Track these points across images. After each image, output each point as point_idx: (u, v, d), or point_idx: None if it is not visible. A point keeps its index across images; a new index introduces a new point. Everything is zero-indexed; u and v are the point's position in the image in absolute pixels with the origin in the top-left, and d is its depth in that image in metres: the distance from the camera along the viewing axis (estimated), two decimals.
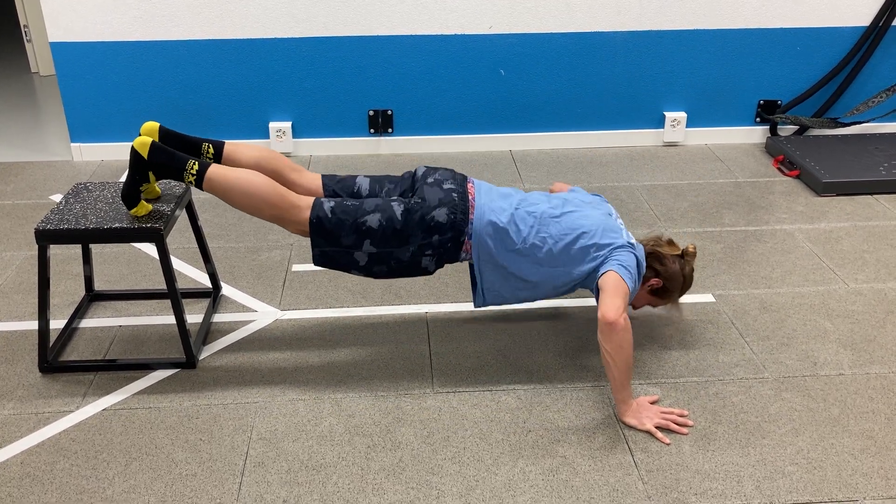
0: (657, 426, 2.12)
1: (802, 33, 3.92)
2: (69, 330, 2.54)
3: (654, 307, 2.52)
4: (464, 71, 3.91)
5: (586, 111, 4.05)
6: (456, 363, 2.41)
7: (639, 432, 2.12)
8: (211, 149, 2.32)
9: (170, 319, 2.62)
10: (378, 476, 1.99)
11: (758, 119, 4.12)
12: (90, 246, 2.71)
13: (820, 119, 3.97)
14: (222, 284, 2.83)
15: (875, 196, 3.52)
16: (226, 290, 2.80)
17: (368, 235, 2.17)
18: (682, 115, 4.06)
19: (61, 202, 2.38)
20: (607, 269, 2.17)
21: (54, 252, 3.01)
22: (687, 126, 4.11)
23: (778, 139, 3.99)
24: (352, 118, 3.98)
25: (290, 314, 2.66)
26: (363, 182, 2.36)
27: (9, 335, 2.54)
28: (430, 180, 2.25)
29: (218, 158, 2.32)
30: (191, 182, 2.19)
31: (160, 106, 3.87)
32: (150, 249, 3.07)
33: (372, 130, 4.01)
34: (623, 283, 2.13)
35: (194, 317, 2.61)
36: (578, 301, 2.73)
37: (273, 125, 3.94)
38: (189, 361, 2.37)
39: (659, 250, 2.37)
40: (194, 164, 2.18)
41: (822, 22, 3.90)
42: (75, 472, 2.00)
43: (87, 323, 2.61)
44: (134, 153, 2.19)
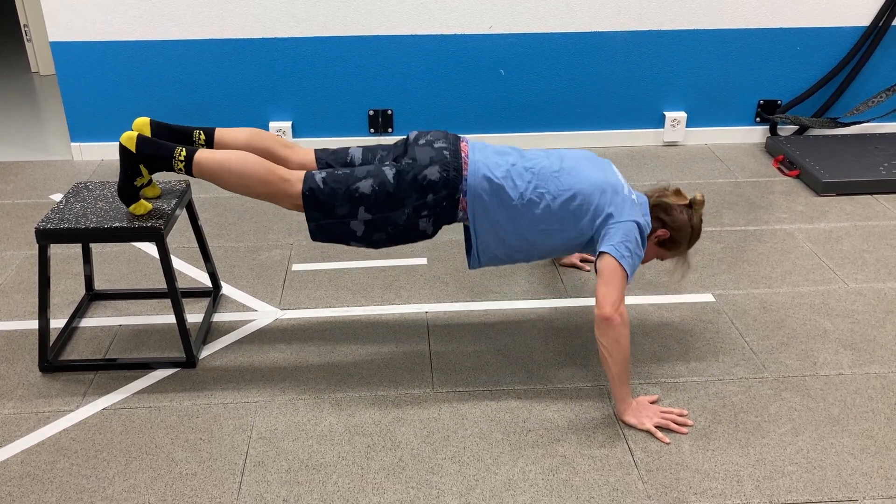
0: (657, 426, 2.12)
1: (802, 33, 3.92)
2: (69, 329, 2.54)
3: (662, 260, 2.44)
4: (464, 71, 3.91)
5: (586, 111, 4.05)
6: (456, 363, 2.41)
7: (638, 432, 2.12)
8: (202, 135, 2.32)
9: (170, 319, 2.62)
10: (378, 475, 1.99)
11: (758, 119, 4.12)
12: (90, 245, 2.71)
13: (820, 119, 3.97)
14: (222, 284, 2.83)
15: (875, 196, 3.52)
16: (226, 290, 2.80)
17: (362, 202, 2.14)
18: (682, 115, 4.06)
19: (61, 201, 2.38)
20: (604, 251, 2.12)
21: (54, 251, 3.01)
22: (687, 126, 4.11)
23: (778, 139, 3.99)
24: (352, 118, 3.98)
25: (290, 313, 2.66)
26: (356, 152, 2.33)
27: (9, 334, 2.54)
28: (422, 142, 2.21)
29: (210, 144, 2.31)
30: (181, 169, 2.17)
31: (160, 105, 3.87)
32: (151, 249, 3.07)
33: (372, 130, 4.01)
34: (619, 270, 2.09)
35: (194, 316, 2.61)
36: (579, 301, 2.73)
37: (273, 125, 3.94)
38: (189, 361, 2.37)
39: (665, 200, 2.32)
40: (181, 151, 2.17)
41: (822, 22, 3.90)
42: (75, 472, 2.00)
43: (88, 322, 2.61)
44: (122, 148, 2.19)
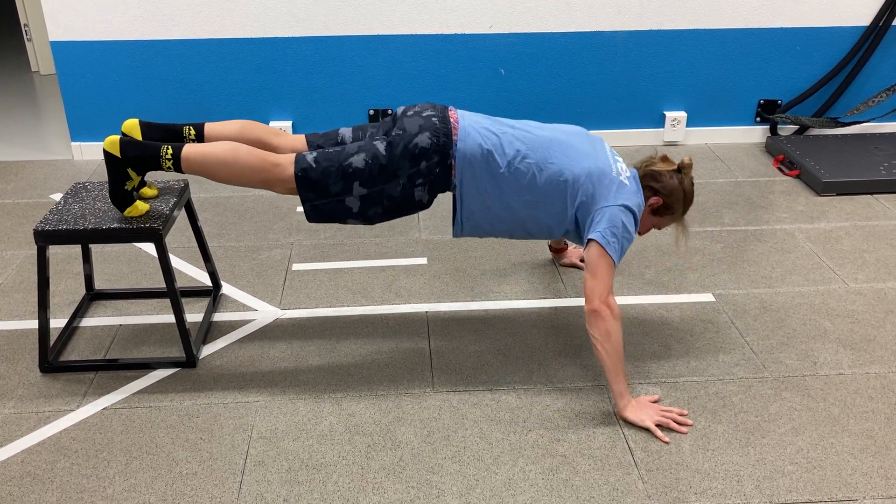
0: (657, 424, 2.12)
1: (802, 33, 3.92)
2: (69, 329, 2.54)
3: (660, 228, 2.45)
4: (464, 70, 3.91)
5: (586, 110, 4.04)
6: (456, 362, 2.41)
7: (638, 431, 2.12)
8: (192, 131, 2.31)
9: (170, 319, 2.62)
10: (378, 475, 1.99)
11: (758, 119, 4.12)
12: (90, 245, 2.70)
13: (820, 119, 3.97)
14: (222, 283, 2.83)
15: (875, 196, 3.52)
16: (226, 289, 2.80)
17: (356, 177, 2.14)
18: (683, 115, 4.05)
19: (60, 202, 2.38)
20: (591, 237, 2.15)
21: (54, 251, 3.01)
22: (687, 125, 4.11)
23: (778, 139, 3.99)
24: (352, 117, 3.98)
25: (291, 313, 2.66)
26: (346, 132, 2.35)
27: (9, 334, 2.54)
28: (410, 113, 2.22)
29: (201, 140, 2.31)
30: (169, 167, 2.16)
31: (160, 105, 3.87)
32: (151, 248, 3.07)
33: None
34: (605, 258, 2.12)
35: (194, 316, 2.61)
36: (579, 301, 2.73)
37: (273, 124, 3.93)
38: (189, 360, 2.37)
39: (653, 169, 2.33)
40: (168, 149, 2.15)
41: (823, 21, 3.90)
42: (76, 471, 2.00)
43: (88, 322, 2.61)
44: (106, 154, 2.15)
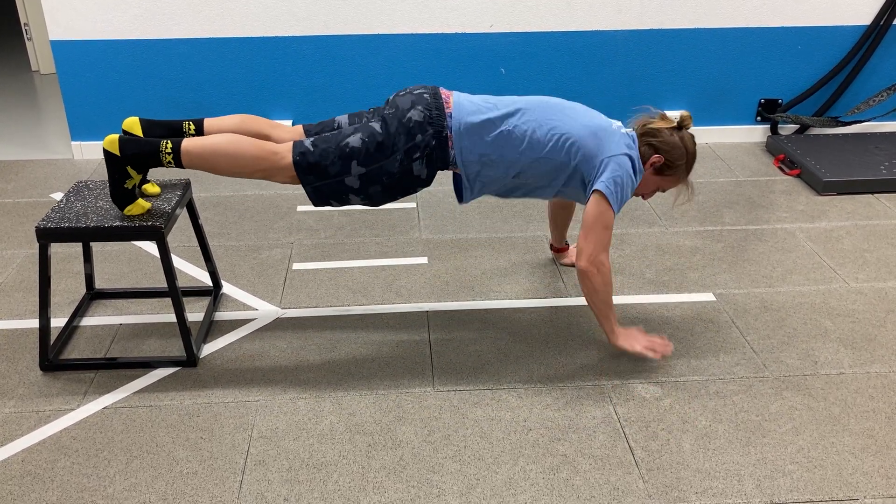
0: (645, 348, 2.30)
1: (803, 32, 3.92)
2: (70, 328, 2.54)
3: (665, 191, 2.43)
4: (465, 70, 3.91)
5: None
6: (457, 362, 2.41)
7: (638, 431, 2.12)
8: (192, 126, 2.32)
9: (170, 318, 2.62)
10: (379, 474, 1.99)
11: (758, 118, 4.12)
12: (91, 244, 2.71)
13: (821, 118, 3.97)
14: (223, 283, 2.83)
15: (875, 195, 3.52)
16: (226, 289, 2.80)
17: (354, 156, 2.17)
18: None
19: (62, 200, 2.38)
20: (596, 188, 2.20)
21: (55, 250, 3.01)
22: None
23: (779, 138, 3.99)
24: None
25: (291, 312, 2.66)
26: (343, 119, 2.39)
27: (9, 333, 2.54)
28: (402, 93, 2.28)
29: (200, 134, 2.31)
30: (170, 162, 2.16)
31: (160, 104, 3.87)
32: (151, 247, 3.07)
33: None
34: (603, 218, 2.19)
35: (195, 315, 2.61)
36: (579, 300, 2.73)
37: None
38: (190, 360, 2.37)
39: (652, 126, 2.33)
40: (167, 144, 2.16)
41: (823, 21, 3.90)
42: (76, 471, 2.00)
43: (88, 321, 2.61)
44: (106, 153, 2.15)
